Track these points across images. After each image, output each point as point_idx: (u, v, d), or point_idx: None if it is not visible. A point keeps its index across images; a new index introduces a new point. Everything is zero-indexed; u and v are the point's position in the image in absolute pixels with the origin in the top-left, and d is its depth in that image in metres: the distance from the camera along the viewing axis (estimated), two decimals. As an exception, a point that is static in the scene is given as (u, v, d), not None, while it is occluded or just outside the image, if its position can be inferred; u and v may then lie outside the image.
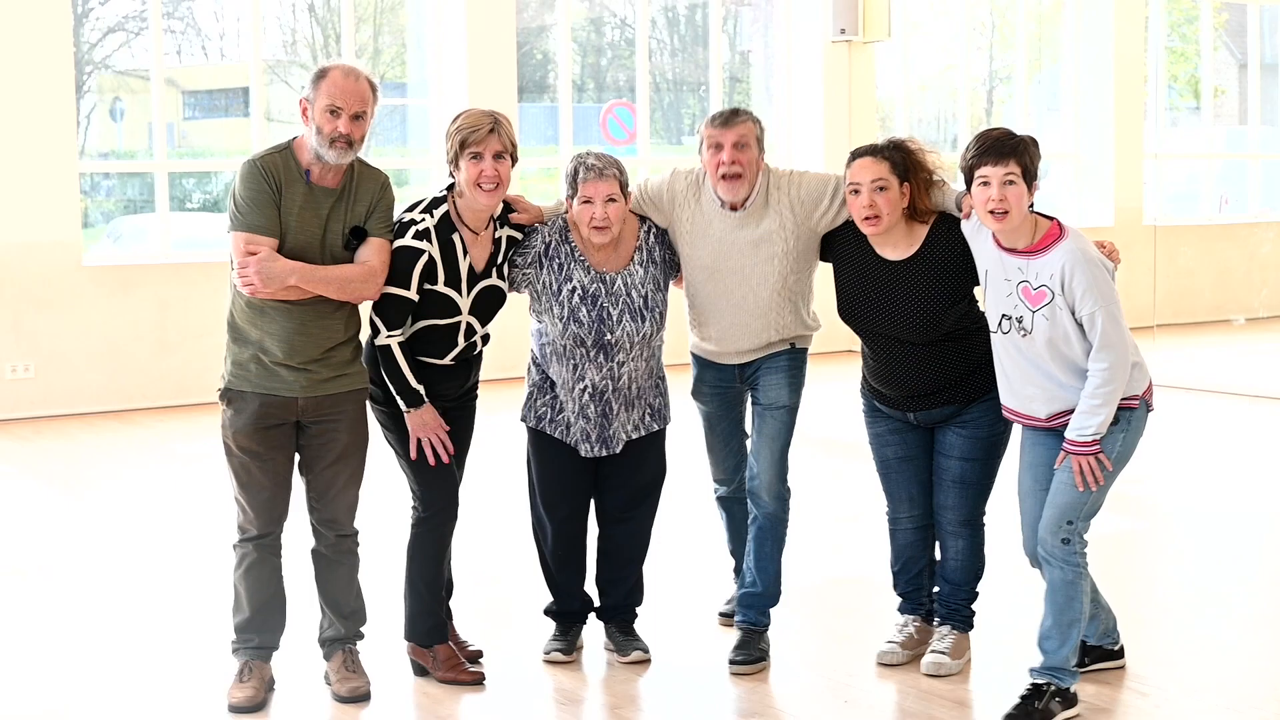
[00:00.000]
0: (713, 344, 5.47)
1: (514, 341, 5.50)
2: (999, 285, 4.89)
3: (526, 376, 5.48)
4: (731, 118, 5.25)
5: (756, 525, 5.47)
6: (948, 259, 5.10)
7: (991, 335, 4.97)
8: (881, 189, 5.06)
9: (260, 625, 5.10)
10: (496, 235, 5.20)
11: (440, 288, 5.06)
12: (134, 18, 15.28)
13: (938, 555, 5.46)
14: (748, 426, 5.61)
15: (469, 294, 5.12)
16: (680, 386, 5.52)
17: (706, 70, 14.24)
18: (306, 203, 4.88)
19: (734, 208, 5.29)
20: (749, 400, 5.59)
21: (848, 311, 5.29)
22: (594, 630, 5.62)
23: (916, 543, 5.45)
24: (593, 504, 5.53)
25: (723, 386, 5.55)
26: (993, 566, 5.51)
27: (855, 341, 5.40)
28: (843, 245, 5.30)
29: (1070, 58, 16.03)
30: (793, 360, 5.47)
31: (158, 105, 11.95)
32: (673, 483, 5.66)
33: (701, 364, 5.57)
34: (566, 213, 5.28)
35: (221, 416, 5.01)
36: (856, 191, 5.08)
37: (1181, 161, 17.80)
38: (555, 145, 13.79)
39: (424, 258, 5.01)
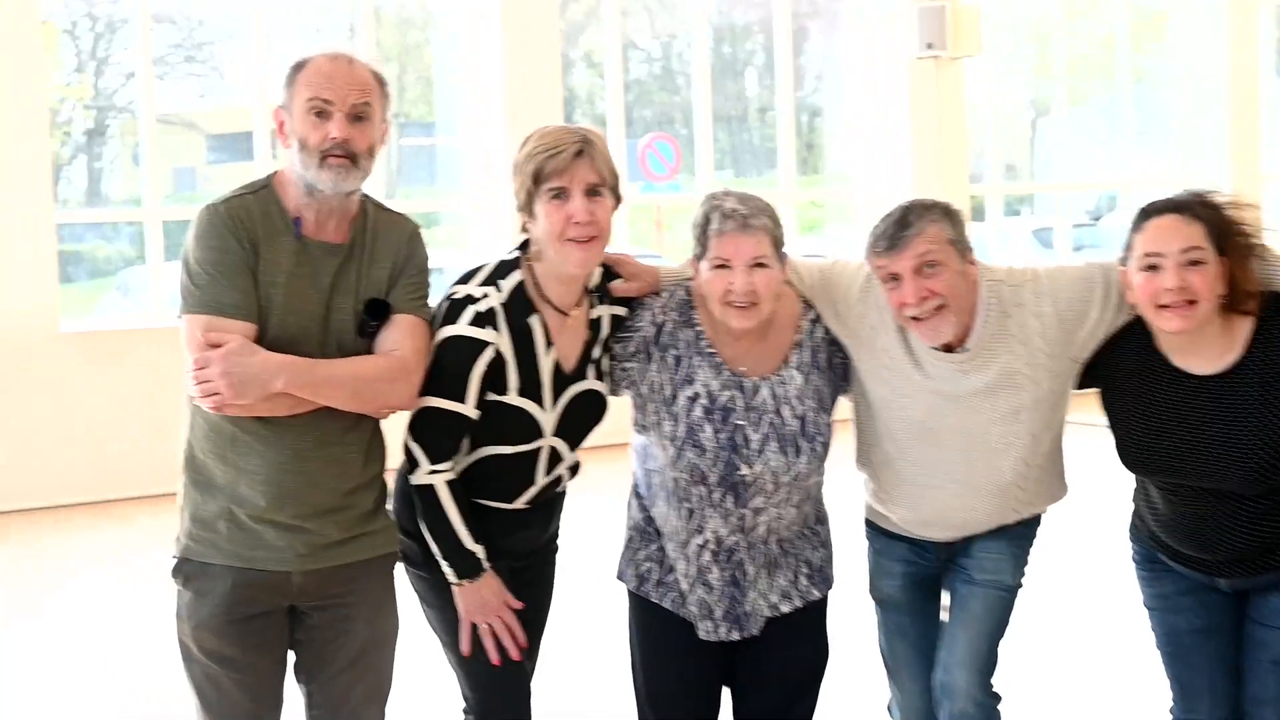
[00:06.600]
0: (908, 521, 3.77)
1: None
2: None
3: (627, 512, 3.76)
4: (898, 233, 3.44)
5: None
6: None
7: None
8: (1195, 263, 3.30)
9: None
10: (593, 315, 3.49)
11: (512, 399, 3.36)
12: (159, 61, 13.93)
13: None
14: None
15: (554, 406, 3.40)
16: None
17: (744, 103, 12.70)
18: (298, 266, 3.19)
19: (949, 348, 3.56)
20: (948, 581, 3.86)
21: (1137, 458, 3.52)
22: None
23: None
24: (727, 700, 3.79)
25: (918, 566, 3.83)
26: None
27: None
28: (1119, 359, 3.54)
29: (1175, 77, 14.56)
30: (1022, 525, 3.77)
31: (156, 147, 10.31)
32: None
33: (885, 537, 3.85)
34: (692, 280, 3.54)
35: (176, 602, 3.29)
36: (1155, 267, 3.32)
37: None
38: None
39: (488, 353, 3.31)
